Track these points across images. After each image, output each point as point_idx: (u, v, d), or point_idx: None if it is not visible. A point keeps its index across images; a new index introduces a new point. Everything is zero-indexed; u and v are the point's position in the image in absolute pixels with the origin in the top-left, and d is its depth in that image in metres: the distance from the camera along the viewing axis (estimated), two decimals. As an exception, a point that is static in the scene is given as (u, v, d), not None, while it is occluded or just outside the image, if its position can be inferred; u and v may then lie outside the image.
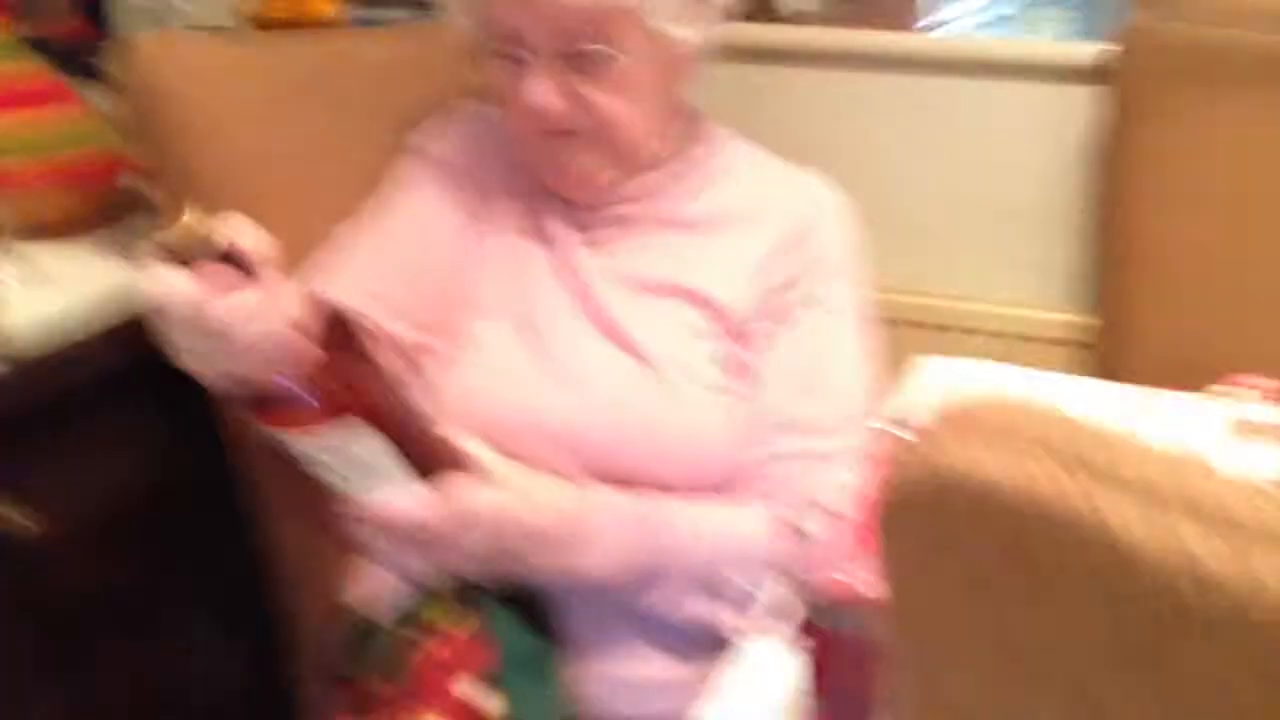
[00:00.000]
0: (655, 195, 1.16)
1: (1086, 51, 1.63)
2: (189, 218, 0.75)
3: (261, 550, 1.24)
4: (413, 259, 1.13)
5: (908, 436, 0.43)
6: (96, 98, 1.31)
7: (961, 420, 0.40)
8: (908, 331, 1.89)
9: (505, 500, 0.92)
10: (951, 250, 1.88)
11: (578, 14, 1.02)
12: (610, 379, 1.08)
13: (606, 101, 1.06)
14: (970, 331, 1.85)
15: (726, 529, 1.04)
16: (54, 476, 1.13)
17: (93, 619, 1.19)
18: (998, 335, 1.84)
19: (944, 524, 0.41)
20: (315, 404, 0.81)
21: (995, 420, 0.40)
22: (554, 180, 1.14)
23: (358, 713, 1.02)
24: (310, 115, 1.26)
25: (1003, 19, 2.03)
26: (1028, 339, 1.83)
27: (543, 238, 1.16)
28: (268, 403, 0.82)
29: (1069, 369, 1.81)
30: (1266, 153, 1.52)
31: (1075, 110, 1.70)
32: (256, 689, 1.40)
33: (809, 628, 0.75)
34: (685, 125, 1.19)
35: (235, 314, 0.75)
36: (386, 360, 1.02)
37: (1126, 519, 0.37)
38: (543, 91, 1.04)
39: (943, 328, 1.87)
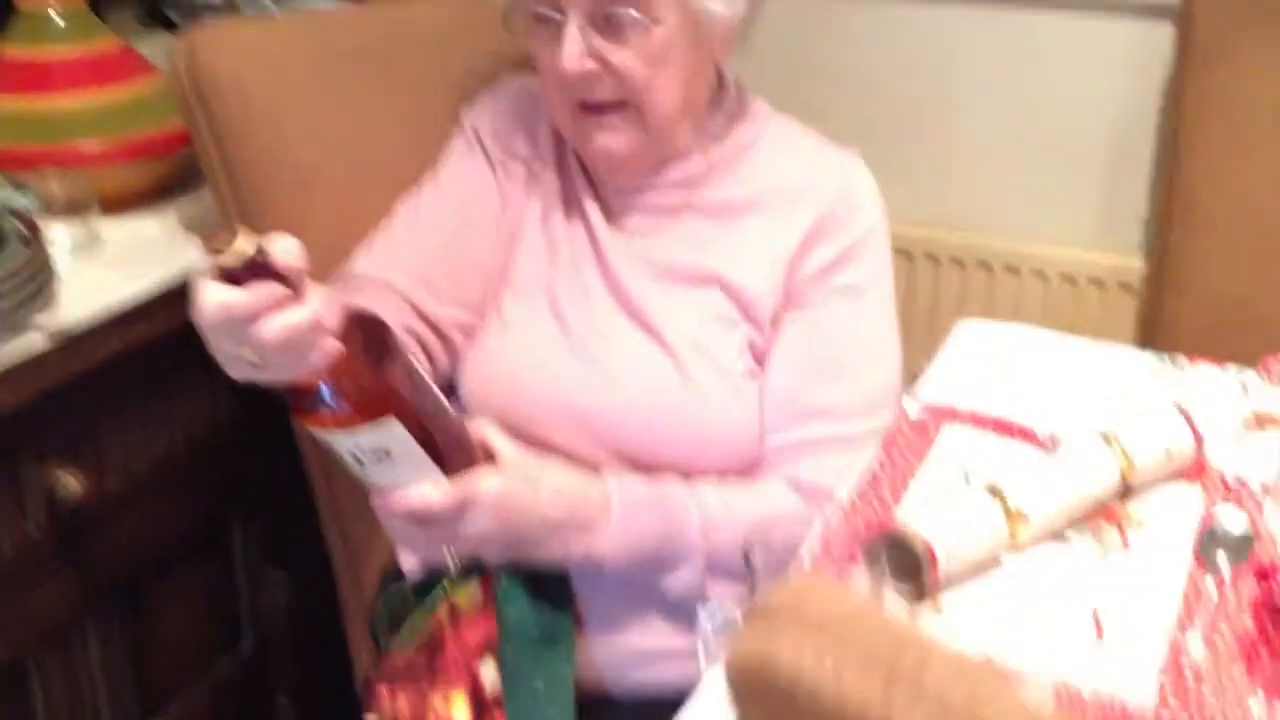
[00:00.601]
0: (695, 183, 1.17)
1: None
2: (240, 239, 0.80)
3: (315, 498, 1.32)
4: (456, 241, 1.17)
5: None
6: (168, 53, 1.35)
7: (790, 609, 0.46)
8: (950, 268, 1.92)
9: (510, 487, 0.97)
10: (1004, 187, 1.89)
11: None
12: (635, 366, 1.12)
13: (639, 70, 1.07)
14: (1013, 270, 1.88)
15: (744, 513, 1.06)
16: (103, 438, 1.20)
17: (148, 566, 1.28)
18: (1040, 275, 1.87)
19: (769, 703, 0.47)
20: (348, 404, 0.88)
21: (814, 614, 0.46)
22: (594, 159, 1.16)
23: (392, 682, 1.08)
24: (363, 89, 1.30)
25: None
26: (1071, 280, 1.85)
27: (580, 219, 1.19)
28: (303, 402, 0.88)
29: (1112, 312, 1.84)
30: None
31: (1151, 49, 1.69)
32: (304, 628, 1.50)
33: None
34: (729, 103, 1.20)
35: (283, 330, 0.81)
36: (417, 354, 1.10)
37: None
38: (574, 54, 1.06)
39: (985, 264, 1.90)
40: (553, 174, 1.21)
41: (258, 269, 0.81)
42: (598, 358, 1.13)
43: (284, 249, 0.83)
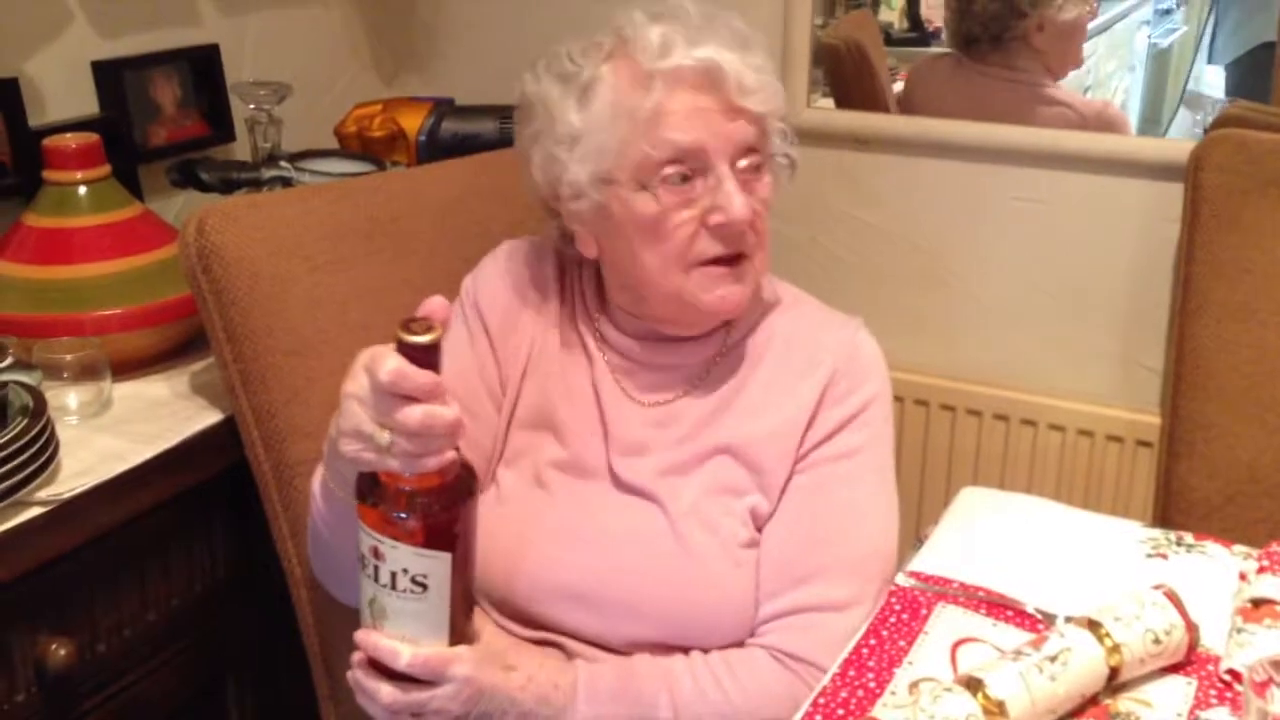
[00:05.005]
0: (715, 356, 1.19)
1: (1185, 149, 1.60)
2: (434, 329, 0.88)
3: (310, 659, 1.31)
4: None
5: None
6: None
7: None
8: (967, 420, 1.91)
9: (482, 675, 0.97)
10: (1023, 340, 1.89)
11: (756, 121, 1.09)
12: (634, 537, 1.12)
13: (765, 220, 1.12)
14: (1030, 423, 1.87)
15: (719, 696, 1.07)
16: (97, 604, 1.21)
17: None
18: (1058, 429, 1.85)
19: None
20: (420, 522, 0.91)
21: None
22: (713, 312, 1.14)
23: None
24: (371, 257, 1.34)
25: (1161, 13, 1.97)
26: (1089, 435, 1.83)
27: (589, 387, 1.19)
28: (384, 500, 0.91)
29: (1130, 469, 1.81)
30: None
31: (1165, 209, 1.70)
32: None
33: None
34: None
35: (429, 419, 0.87)
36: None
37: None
38: (744, 198, 1.08)
39: (1002, 417, 1.88)
40: (562, 345, 1.22)
41: (429, 361, 0.88)
42: (595, 530, 1.13)
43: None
